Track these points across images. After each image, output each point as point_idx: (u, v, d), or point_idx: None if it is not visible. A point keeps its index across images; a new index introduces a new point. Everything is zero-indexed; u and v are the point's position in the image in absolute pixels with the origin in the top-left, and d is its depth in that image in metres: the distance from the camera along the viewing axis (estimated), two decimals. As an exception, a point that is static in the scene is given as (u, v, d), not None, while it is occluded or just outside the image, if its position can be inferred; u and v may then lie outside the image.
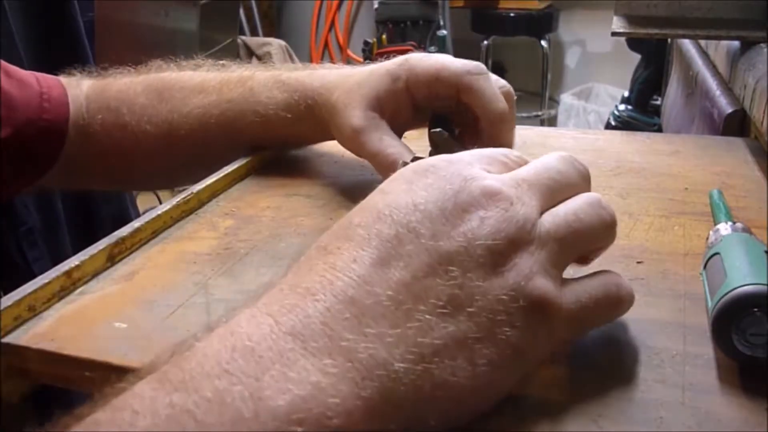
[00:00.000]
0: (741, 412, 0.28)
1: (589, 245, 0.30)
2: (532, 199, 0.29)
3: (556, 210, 0.29)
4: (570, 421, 0.28)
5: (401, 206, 0.27)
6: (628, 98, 2.06)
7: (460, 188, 0.28)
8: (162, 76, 0.60)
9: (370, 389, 0.23)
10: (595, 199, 0.30)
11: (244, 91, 0.56)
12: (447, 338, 0.25)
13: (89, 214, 0.94)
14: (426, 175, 0.28)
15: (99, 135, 0.60)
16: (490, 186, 0.28)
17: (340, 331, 0.24)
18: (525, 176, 0.30)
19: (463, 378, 0.25)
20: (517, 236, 0.27)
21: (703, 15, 0.72)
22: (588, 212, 0.29)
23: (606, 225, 0.30)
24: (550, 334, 0.28)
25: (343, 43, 3.47)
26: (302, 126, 0.55)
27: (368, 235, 0.26)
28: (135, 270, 0.42)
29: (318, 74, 0.54)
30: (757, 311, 0.28)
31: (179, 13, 2.19)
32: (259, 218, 0.48)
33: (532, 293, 0.27)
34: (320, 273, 0.26)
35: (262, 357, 0.23)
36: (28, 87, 0.58)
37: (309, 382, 0.22)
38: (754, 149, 0.61)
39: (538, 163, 0.31)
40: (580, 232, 0.29)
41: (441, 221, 0.27)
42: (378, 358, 0.24)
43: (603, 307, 0.29)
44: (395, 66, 0.49)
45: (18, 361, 0.34)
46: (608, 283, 0.30)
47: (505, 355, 0.26)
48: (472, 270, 0.26)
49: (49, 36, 0.88)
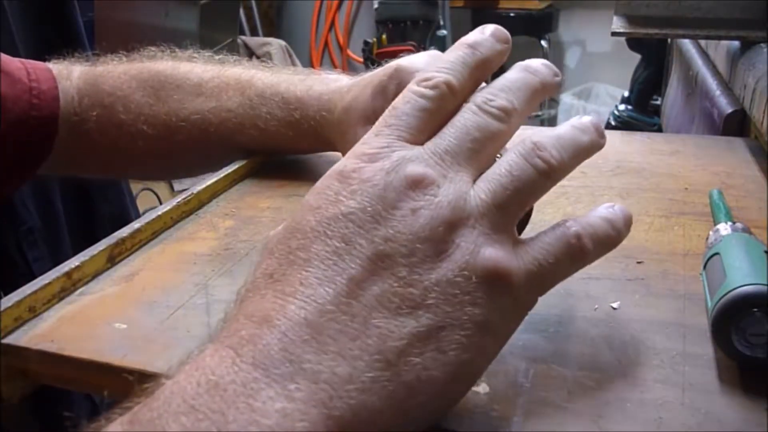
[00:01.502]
0: (741, 412, 0.28)
1: (532, 197, 0.29)
2: (458, 173, 0.28)
3: (488, 174, 0.28)
4: (570, 421, 0.28)
5: (332, 220, 0.27)
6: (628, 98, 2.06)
7: (385, 185, 0.27)
8: (157, 70, 0.60)
9: (340, 407, 0.23)
10: (528, 148, 0.28)
11: (243, 101, 0.56)
12: (409, 336, 0.25)
13: (89, 214, 0.94)
14: (350, 182, 0.27)
15: (93, 132, 0.59)
16: (413, 174, 0.27)
17: (300, 354, 0.24)
18: (447, 146, 0.28)
19: (434, 370, 0.25)
20: (452, 216, 0.27)
21: (703, 15, 0.72)
22: (522, 166, 0.28)
23: (544, 173, 0.28)
24: (515, 300, 0.27)
25: (343, 43, 3.47)
26: (304, 142, 0.56)
27: (308, 256, 0.26)
28: (135, 271, 0.42)
29: (316, 90, 0.55)
30: (757, 311, 0.28)
31: (179, 13, 2.19)
32: (259, 219, 0.48)
33: (483, 265, 0.26)
34: (271, 300, 0.25)
35: (227, 390, 0.23)
36: (18, 82, 0.57)
37: (275, 410, 0.22)
38: (754, 149, 0.61)
39: (458, 124, 0.29)
40: (517, 189, 0.28)
41: (374, 225, 0.26)
42: (342, 374, 0.23)
43: (564, 260, 0.28)
44: (386, 78, 0.49)
45: (18, 362, 0.34)
46: (567, 235, 0.28)
47: (473, 334, 0.26)
48: (418, 264, 0.26)
49: (48, 36, 0.88)
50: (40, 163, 0.60)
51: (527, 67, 0.31)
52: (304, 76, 0.57)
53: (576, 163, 0.30)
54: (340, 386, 0.23)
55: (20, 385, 0.35)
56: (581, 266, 0.29)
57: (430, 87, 0.30)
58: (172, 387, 0.23)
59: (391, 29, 3.02)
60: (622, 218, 0.30)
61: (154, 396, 0.24)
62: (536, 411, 0.28)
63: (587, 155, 0.30)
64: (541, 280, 0.28)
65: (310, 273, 0.26)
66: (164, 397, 0.23)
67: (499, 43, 0.31)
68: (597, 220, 0.29)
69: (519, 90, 0.30)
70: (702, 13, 0.72)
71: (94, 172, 0.70)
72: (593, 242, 0.28)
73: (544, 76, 0.31)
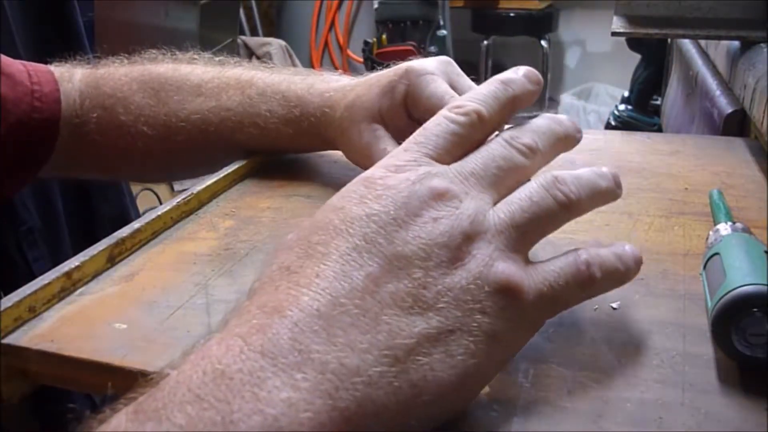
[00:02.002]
0: (741, 412, 0.28)
1: (549, 226, 0.30)
2: (480, 192, 0.29)
3: (509, 197, 0.30)
4: (570, 421, 0.28)
5: (355, 219, 0.28)
6: (628, 98, 2.06)
7: (409, 193, 0.28)
8: (158, 72, 0.60)
9: (346, 398, 0.23)
10: (549, 180, 0.30)
11: (243, 100, 0.56)
12: (418, 336, 0.25)
13: (89, 214, 0.94)
14: (375, 187, 0.29)
15: (94, 134, 0.59)
16: (437, 187, 0.29)
17: (309, 344, 0.24)
18: (473, 169, 0.30)
19: (441, 372, 0.25)
20: (471, 229, 0.28)
21: (703, 15, 0.72)
22: (541, 195, 0.30)
23: (562, 205, 0.30)
24: (524, 315, 0.28)
25: (343, 43, 3.47)
26: (303, 140, 0.56)
27: (327, 251, 0.27)
28: (135, 271, 0.42)
29: (318, 89, 0.55)
30: (757, 311, 0.28)
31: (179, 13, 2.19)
32: (259, 219, 0.49)
33: (496, 277, 0.27)
34: (285, 291, 0.26)
35: (233, 379, 0.23)
36: (19, 84, 0.57)
37: (280, 399, 0.22)
38: (754, 149, 0.61)
39: (485, 152, 0.31)
40: (535, 214, 0.29)
41: (395, 228, 0.27)
42: (350, 366, 0.24)
43: (573, 286, 0.29)
44: (396, 78, 0.49)
45: (18, 362, 0.34)
46: (577, 262, 0.29)
47: (481, 342, 0.26)
48: (433, 269, 0.27)
49: (48, 36, 0.88)
50: (41, 165, 0.60)
51: (554, 118, 0.34)
52: (305, 75, 0.57)
53: (593, 205, 0.31)
54: (346, 378, 0.24)
55: (20, 385, 0.35)
56: (590, 294, 0.30)
57: (461, 114, 0.32)
58: (177, 377, 0.24)
59: (391, 29, 3.02)
60: (632, 257, 0.31)
61: (158, 386, 0.24)
62: (536, 411, 0.28)
63: (603, 200, 0.32)
64: (550, 302, 0.29)
65: (327, 267, 0.26)
66: (169, 387, 0.23)
67: (531, 83, 0.34)
68: (607, 252, 0.30)
69: (544, 134, 0.33)
70: (702, 13, 0.72)
71: (95, 174, 0.70)
72: (602, 272, 0.30)
73: (567, 128, 0.34)
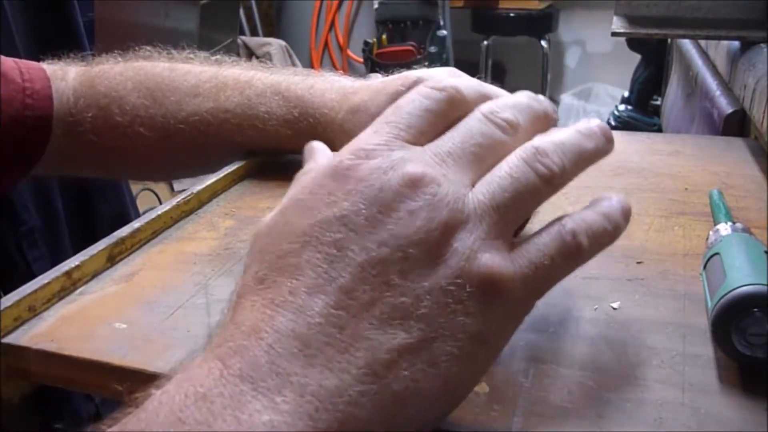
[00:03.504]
0: (741, 412, 0.28)
1: (532, 203, 0.28)
2: (458, 174, 0.27)
3: (488, 176, 0.28)
4: (570, 421, 0.28)
5: (325, 223, 0.26)
6: (628, 98, 2.06)
7: (381, 185, 0.26)
8: (154, 72, 0.59)
9: (327, 419, 0.23)
10: (530, 153, 0.28)
11: (242, 101, 0.56)
12: (399, 348, 0.24)
13: (89, 214, 0.94)
14: (346, 180, 0.27)
15: (89, 134, 0.59)
16: (411, 174, 0.26)
17: (287, 367, 0.23)
18: (450, 149, 0.28)
19: (426, 381, 0.24)
20: (451, 218, 0.26)
21: (703, 15, 0.72)
22: (522, 170, 0.27)
23: (545, 178, 0.27)
24: (509, 308, 0.26)
25: (343, 44, 3.47)
26: (302, 140, 0.55)
27: (298, 263, 0.26)
28: (135, 270, 0.42)
29: (318, 89, 0.54)
30: (757, 311, 0.28)
31: (179, 13, 2.19)
32: (259, 219, 0.48)
33: (478, 273, 0.25)
34: (260, 310, 0.25)
35: (214, 403, 0.23)
36: (11, 82, 0.57)
37: (261, 422, 0.22)
38: (754, 149, 0.61)
39: (463, 129, 0.29)
40: (517, 192, 0.27)
41: (369, 230, 0.25)
42: (329, 387, 0.23)
43: (560, 260, 0.27)
44: (404, 88, 0.48)
45: (18, 362, 0.34)
46: (562, 233, 0.27)
47: (466, 346, 0.25)
48: (412, 270, 0.25)
49: (48, 36, 0.88)
50: (33, 163, 0.60)
51: (532, 95, 0.32)
52: (305, 75, 0.57)
53: (578, 171, 0.29)
54: (326, 399, 0.23)
55: (20, 385, 0.35)
56: (579, 264, 0.28)
57: (437, 89, 0.29)
58: (160, 397, 0.23)
59: (391, 29, 3.01)
60: (620, 211, 0.29)
61: (143, 406, 0.23)
62: (536, 411, 0.28)
63: (591, 162, 0.30)
64: (537, 284, 0.27)
65: (300, 282, 0.25)
66: (152, 407, 0.23)
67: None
68: (593, 215, 0.28)
69: (524, 110, 0.30)
70: (702, 14, 0.72)
71: (92, 172, 0.70)
72: (589, 239, 0.27)
73: (546, 107, 0.31)
